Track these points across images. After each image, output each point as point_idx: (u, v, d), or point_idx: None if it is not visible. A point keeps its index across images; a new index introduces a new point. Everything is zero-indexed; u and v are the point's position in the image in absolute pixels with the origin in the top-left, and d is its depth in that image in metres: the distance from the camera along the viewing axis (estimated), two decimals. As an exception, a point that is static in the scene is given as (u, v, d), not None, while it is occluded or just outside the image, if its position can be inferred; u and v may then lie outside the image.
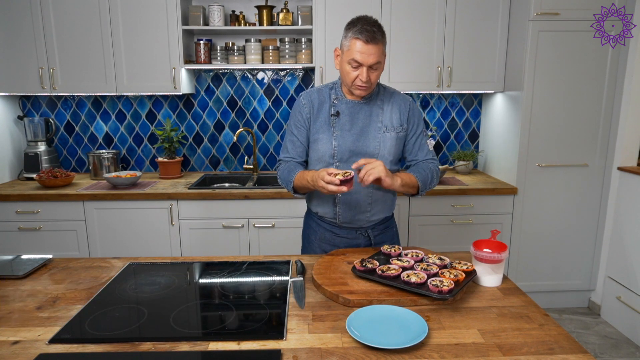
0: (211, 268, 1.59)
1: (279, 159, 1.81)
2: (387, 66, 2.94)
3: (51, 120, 3.28)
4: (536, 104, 2.82)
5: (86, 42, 2.89)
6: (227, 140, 3.41)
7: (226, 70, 3.31)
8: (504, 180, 3.06)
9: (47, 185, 2.85)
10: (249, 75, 3.33)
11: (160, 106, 3.34)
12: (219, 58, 3.03)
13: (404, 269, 1.41)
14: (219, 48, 3.03)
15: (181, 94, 3.13)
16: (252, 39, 3.00)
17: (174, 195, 2.78)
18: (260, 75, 3.33)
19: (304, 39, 3.01)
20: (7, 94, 3.01)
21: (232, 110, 3.37)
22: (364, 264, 1.45)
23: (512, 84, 2.95)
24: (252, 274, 1.53)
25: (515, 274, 3.02)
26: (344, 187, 1.45)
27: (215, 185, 3.17)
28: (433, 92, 3.14)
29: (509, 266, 3.01)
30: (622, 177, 2.86)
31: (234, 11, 3.08)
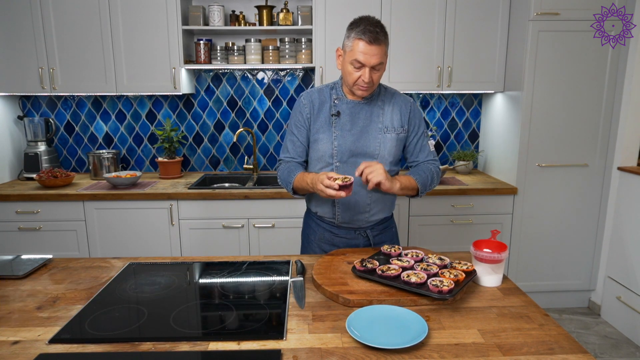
0: (211, 268, 1.59)
1: (279, 159, 1.81)
2: (387, 66, 2.92)
3: (51, 120, 3.28)
4: (536, 104, 2.82)
5: (86, 42, 2.89)
6: (227, 140, 3.41)
7: (226, 70, 3.31)
8: (504, 180, 3.06)
9: (47, 185, 2.85)
10: (249, 75, 3.33)
11: (160, 106, 3.34)
12: (219, 58, 3.03)
13: (404, 269, 1.41)
14: (219, 48, 3.03)
15: (181, 94, 3.13)
16: (252, 39, 3.00)
17: (174, 195, 2.78)
18: (260, 75, 3.33)
19: (304, 39, 3.01)
20: (7, 94, 3.01)
21: (232, 110, 3.37)
22: (364, 264, 1.45)
23: (512, 84, 2.95)
24: (252, 274, 1.53)
25: (515, 274, 3.02)
26: (342, 193, 1.45)
27: (215, 185, 3.17)
28: (433, 92, 3.13)
29: (509, 266, 3.00)
30: (622, 177, 2.86)
31: (234, 11, 3.08)
